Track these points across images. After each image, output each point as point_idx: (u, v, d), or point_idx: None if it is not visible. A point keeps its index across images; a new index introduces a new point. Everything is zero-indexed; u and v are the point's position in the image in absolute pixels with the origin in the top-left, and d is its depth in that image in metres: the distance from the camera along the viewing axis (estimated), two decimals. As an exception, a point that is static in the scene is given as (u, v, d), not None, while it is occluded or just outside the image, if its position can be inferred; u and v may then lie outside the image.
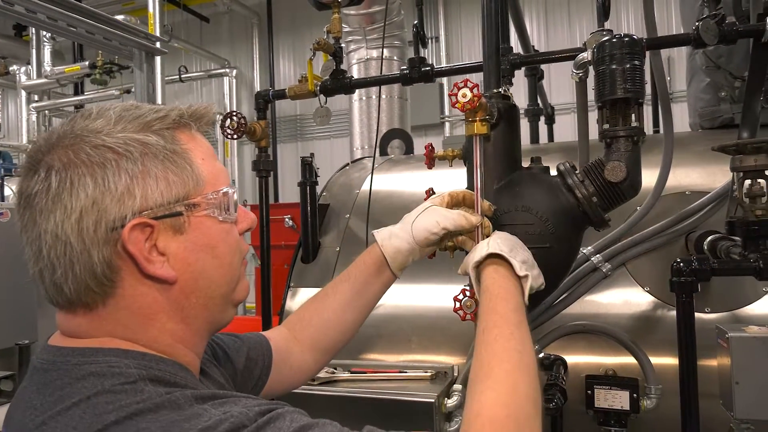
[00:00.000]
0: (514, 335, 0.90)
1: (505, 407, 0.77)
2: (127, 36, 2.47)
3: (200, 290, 0.78)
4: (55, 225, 0.70)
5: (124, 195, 0.71)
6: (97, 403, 0.65)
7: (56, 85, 8.46)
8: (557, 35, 8.53)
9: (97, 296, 0.73)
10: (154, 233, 0.73)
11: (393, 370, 1.85)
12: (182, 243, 0.75)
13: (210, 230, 0.78)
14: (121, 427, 0.63)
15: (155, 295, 0.75)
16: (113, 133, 0.73)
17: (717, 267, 1.30)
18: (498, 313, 0.95)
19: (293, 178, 9.03)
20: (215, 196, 0.78)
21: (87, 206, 0.70)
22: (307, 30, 9.95)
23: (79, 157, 0.71)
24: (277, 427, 0.66)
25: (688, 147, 2.21)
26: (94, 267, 0.71)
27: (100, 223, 0.70)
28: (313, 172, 2.38)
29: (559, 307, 1.90)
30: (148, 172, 0.73)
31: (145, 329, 0.75)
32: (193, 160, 0.77)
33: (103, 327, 0.74)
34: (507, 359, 0.85)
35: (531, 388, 0.82)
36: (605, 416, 1.69)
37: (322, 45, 2.00)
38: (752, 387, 1.31)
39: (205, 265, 0.77)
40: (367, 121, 4.74)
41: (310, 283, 2.35)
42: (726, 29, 1.60)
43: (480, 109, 1.34)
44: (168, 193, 0.74)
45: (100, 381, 0.67)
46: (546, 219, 1.39)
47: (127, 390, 0.66)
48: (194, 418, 0.64)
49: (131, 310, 0.74)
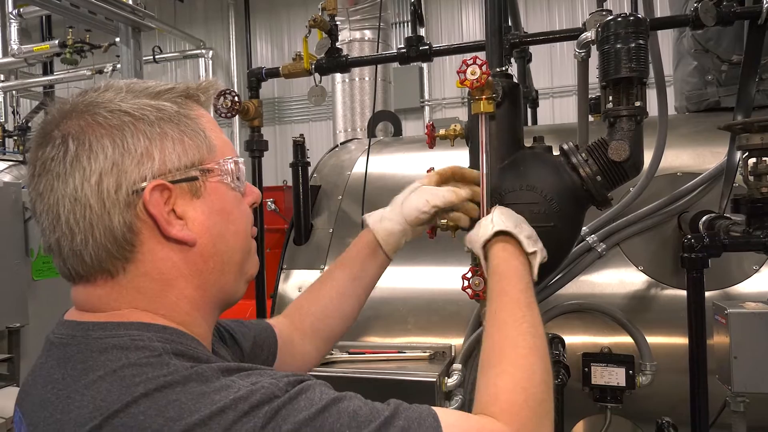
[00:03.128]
0: (526, 317, 0.90)
1: (523, 391, 0.78)
2: (114, 9, 2.38)
3: (218, 255, 0.77)
4: (74, 188, 0.69)
5: (144, 157, 0.71)
6: (124, 375, 0.64)
7: (24, 64, 8.16)
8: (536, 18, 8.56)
9: (117, 262, 0.72)
10: (172, 197, 0.72)
11: (391, 350, 1.86)
12: (199, 207, 0.75)
13: (224, 196, 0.78)
14: (151, 399, 0.62)
15: (175, 260, 0.74)
16: (126, 99, 0.73)
17: (728, 243, 1.32)
18: (508, 294, 0.96)
19: (272, 161, 8.93)
20: (226, 163, 0.78)
21: (106, 168, 0.69)
22: (284, 11, 9.80)
23: (96, 120, 0.71)
24: (309, 398, 0.66)
25: (676, 129, 2.24)
26: (115, 230, 0.70)
27: (120, 185, 0.70)
28: (305, 153, 2.35)
29: (554, 286, 1.92)
30: (166, 135, 0.73)
31: (165, 296, 0.74)
32: (205, 126, 0.78)
33: (123, 297, 0.73)
34: (521, 343, 0.85)
35: (545, 372, 0.83)
36: (601, 393, 1.72)
37: (318, 22, 1.96)
38: (749, 361, 1.35)
39: (221, 229, 0.77)
40: (351, 104, 4.69)
41: (303, 266, 2.33)
42: (724, 10, 1.62)
43: (487, 88, 1.33)
44: (185, 157, 0.74)
45: (124, 354, 0.66)
46: (550, 198, 1.40)
47: (153, 363, 0.65)
48: (223, 389, 0.63)
49: (151, 275, 0.73)
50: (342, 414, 0.66)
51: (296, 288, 2.29)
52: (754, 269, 1.82)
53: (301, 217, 2.32)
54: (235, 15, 10.08)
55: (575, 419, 1.83)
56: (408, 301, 2.08)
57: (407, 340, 2.01)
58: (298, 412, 0.64)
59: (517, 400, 0.77)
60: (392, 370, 1.71)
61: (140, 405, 0.61)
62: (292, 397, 0.65)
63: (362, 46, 4.57)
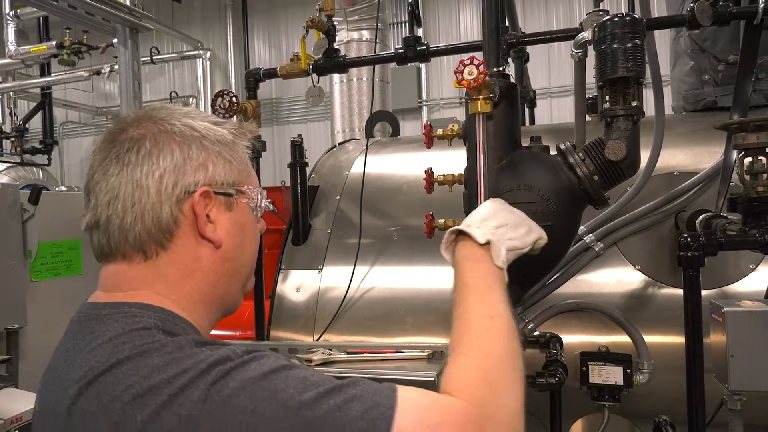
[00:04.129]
0: (483, 302, 0.93)
1: (478, 370, 0.81)
2: (111, 11, 2.38)
3: (233, 261, 0.90)
4: (141, 176, 0.82)
5: (201, 166, 0.86)
6: (116, 343, 0.76)
7: (21, 65, 8.13)
8: (534, 18, 8.57)
9: (154, 246, 0.84)
10: (211, 203, 0.86)
11: (389, 350, 1.86)
12: (229, 218, 0.89)
13: (247, 216, 0.93)
14: (132, 361, 0.73)
15: (199, 255, 0.86)
16: (195, 119, 0.89)
17: (724, 241, 1.33)
18: (466, 284, 0.98)
19: (269, 162, 8.92)
20: (256, 190, 0.94)
21: (170, 168, 0.83)
22: (282, 11, 9.78)
23: (172, 129, 0.86)
24: (260, 364, 0.74)
25: (673, 129, 2.25)
26: (162, 218, 0.83)
27: (177, 184, 0.84)
28: (303, 153, 2.35)
29: (552, 286, 1.93)
30: (220, 154, 0.88)
31: (182, 284, 0.86)
32: (246, 158, 0.94)
33: (146, 278, 0.84)
34: (477, 326, 0.88)
35: (504, 351, 0.85)
36: (599, 391, 1.73)
37: (316, 23, 1.96)
38: (746, 360, 1.35)
39: (241, 240, 0.91)
40: (348, 104, 4.69)
41: (301, 266, 2.34)
42: (720, 10, 1.62)
43: (484, 88, 1.34)
44: (229, 175, 0.89)
45: (121, 326, 0.78)
46: (548, 197, 1.40)
47: (141, 334, 0.76)
48: (192, 356, 0.74)
49: (176, 264, 0.85)
50: (290, 377, 0.73)
51: (294, 288, 2.29)
52: (751, 268, 1.82)
53: (300, 218, 2.33)
54: (233, 16, 10.06)
55: (573, 418, 1.84)
56: (406, 301, 2.09)
57: (406, 339, 2.02)
58: (246, 373, 0.72)
59: (472, 377, 0.80)
60: (390, 370, 1.71)
61: (122, 366, 0.73)
62: (245, 361, 0.74)
63: (360, 47, 4.57)
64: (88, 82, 9.19)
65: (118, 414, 0.70)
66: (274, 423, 0.68)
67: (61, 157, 10.86)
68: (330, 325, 2.14)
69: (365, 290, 2.17)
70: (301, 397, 0.70)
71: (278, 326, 2.27)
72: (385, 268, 2.22)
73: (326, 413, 0.69)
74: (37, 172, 7.87)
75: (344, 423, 0.68)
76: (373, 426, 0.68)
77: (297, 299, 2.28)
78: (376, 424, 0.68)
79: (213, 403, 0.69)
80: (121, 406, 0.70)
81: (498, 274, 1.00)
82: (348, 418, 0.69)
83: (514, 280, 1.08)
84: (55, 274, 1.81)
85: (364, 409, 0.69)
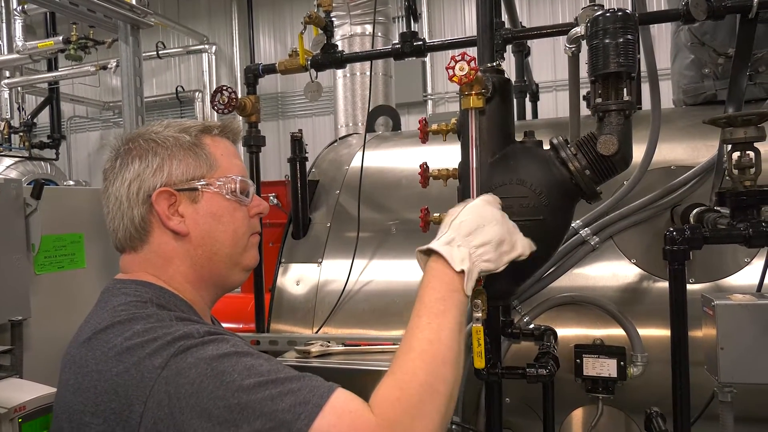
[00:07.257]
0: (431, 325, 0.93)
1: (398, 390, 0.85)
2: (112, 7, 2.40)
3: (206, 245, 1.04)
4: (116, 189, 1.03)
5: (157, 171, 1.02)
6: (117, 310, 0.93)
7: (29, 61, 8.19)
8: (539, 12, 8.52)
9: (137, 241, 1.03)
10: (177, 200, 1.02)
11: (386, 342, 1.88)
12: (195, 210, 1.03)
13: (218, 204, 1.05)
14: (122, 324, 0.90)
15: (173, 245, 1.03)
16: (160, 132, 1.05)
17: (709, 235, 1.33)
18: (423, 303, 0.98)
19: (275, 156, 8.95)
20: (224, 180, 1.05)
21: (133, 177, 1.02)
22: (287, 5, 9.77)
23: (135, 145, 1.04)
24: (217, 347, 0.86)
25: (672, 123, 2.25)
26: (135, 220, 1.02)
27: (140, 189, 1.01)
28: (303, 148, 2.37)
29: (548, 279, 1.95)
30: (174, 156, 1.03)
31: (165, 269, 1.03)
32: (212, 152, 1.06)
33: (140, 265, 1.04)
34: (414, 347, 0.91)
35: (430, 376, 0.87)
36: (593, 384, 1.75)
37: (314, 18, 1.97)
38: (736, 352, 1.36)
39: (210, 227, 1.04)
40: (352, 98, 4.69)
41: (301, 259, 2.36)
42: (714, 5, 1.62)
43: (476, 83, 1.35)
44: (187, 173, 1.03)
45: (124, 298, 0.96)
46: (540, 192, 1.41)
47: (137, 305, 0.94)
48: (167, 328, 0.89)
49: (157, 253, 1.03)
50: (239, 363, 0.84)
51: (294, 281, 2.32)
52: (746, 261, 1.83)
53: (300, 212, 2.35)
54: (238, 10, 10.07)
55: (568, 410, 1.86)
56: (404, 294, 2.11)
57: (403, 332, 2.03)
58: (203, 352, 0.84)
59: (389, 396, 0.84)
60: (386, 362, 1.73)
61: (115, 328, 0.90)
62: (205, 342, 0.86)
63: (363, 41, 4.56)
64: (94, 76, 9.22)
65: (102, 364, 0.87)
66: (212, 398, 0.80)
67: (69, 151, 10.93)
68: (329, 318, 2.16)
69: (364, 283, 2.20)
70: (243, 381, 0.81)
71: (278, 319, 2.30)
72: (383, 262, 2.24)
73: (259, 400, 0.79)
74: (46, 166, 7.94)
75: (271, 411, 0.78)
76: (296, 420, 0.78)
77: (297, 292, 2.31)
78: (299, 419, 0.78)
79: (170, 370, 0.83)
80: (105, 359, 0.87)
81: (459, 299, 0.98)
82: (276, 408, 0.79)
83: (506, 273, 1.10)
84: (59, 267, 1.84)
85: (293, 404, 0.79)
